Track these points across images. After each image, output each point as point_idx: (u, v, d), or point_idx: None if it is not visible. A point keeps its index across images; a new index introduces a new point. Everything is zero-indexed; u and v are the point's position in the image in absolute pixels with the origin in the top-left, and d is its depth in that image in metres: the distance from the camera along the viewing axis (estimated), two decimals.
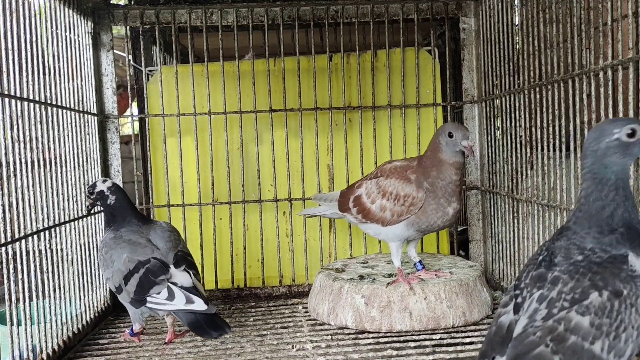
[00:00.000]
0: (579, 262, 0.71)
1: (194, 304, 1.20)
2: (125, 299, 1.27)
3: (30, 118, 1.19)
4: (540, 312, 0.70)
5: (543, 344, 0.67)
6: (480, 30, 1.64)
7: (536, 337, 0.68)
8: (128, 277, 1.23)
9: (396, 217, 1.31)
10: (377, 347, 1.22)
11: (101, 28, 1.61)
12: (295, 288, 1.68)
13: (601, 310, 0.67)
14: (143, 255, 1.25)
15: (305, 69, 1.68)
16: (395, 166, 1.36)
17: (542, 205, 1.32)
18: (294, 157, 1.68)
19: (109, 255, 1.28)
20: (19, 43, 1.15)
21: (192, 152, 1.66)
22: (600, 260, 0.71)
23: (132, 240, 1.28)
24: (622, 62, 0.99)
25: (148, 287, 1.22)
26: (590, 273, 0.70)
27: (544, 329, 0.68)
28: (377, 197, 1.34)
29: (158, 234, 1.32)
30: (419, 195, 1.29)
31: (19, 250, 1.10)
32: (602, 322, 0.67)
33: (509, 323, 0.72)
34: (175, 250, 1.29)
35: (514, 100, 1.44)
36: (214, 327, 1.21)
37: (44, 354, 1.16)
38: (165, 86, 1.65)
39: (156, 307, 1.23)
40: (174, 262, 1.26)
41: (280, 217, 1.69)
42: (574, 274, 0.70)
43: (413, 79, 1.69)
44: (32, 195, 1.17)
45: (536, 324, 0.69)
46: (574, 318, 0.67)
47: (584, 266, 0.70)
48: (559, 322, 0.68)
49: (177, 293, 1.21)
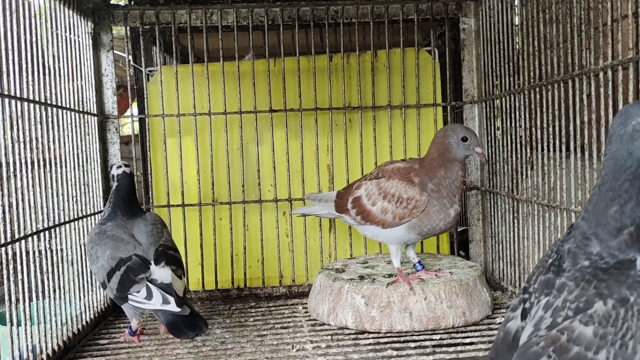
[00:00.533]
0: (585, 268, 0.68)
1: (169, 304, 1.19)
2: (110, 295, 1.27)
3: (30, 118, 1.19)
4: (546, 320, 0.68)
5: (545, 355, 0.65)
6: (480, 30, 1.64)
7: (539, 347, 0.66)
8: (110, 274, 1.23)
9: (398, 220, 1.31)
10: (377, 348, 1.22)
11: (101, 28, 1.61)
12: (295, 288, 1.68)
13: (605, 320, 0.64)
14: (125, 252, 1.24)
15: (305, 69, 1.68)
16: (397, 167, 1.35)
17: (542, 206, 1.32)
18: (294, 158, 1.68)
19: (94, 250, 1.28)
20: (19, 43, 1.15)
21: (192, 152, 1.66)
22: (606, 267, 0.68)
23: (116, 236, 1.28)
24: (622, 62, 0.99)
25: (128, 286, 1.21)
26: (595, 280, 0.67)
27: (547, 339, 0.65)
28: (378, 199, 1.32)
29: (141, 228, 1.30)
30: (422, 198, 1.28)
31: (18, 251, 1.10)
32: (606, 331, 0.64)
33: (516, 330, 0.70)
34: (157, 245, 1.27)
35: (514, 100, 1.44)
36: (190, 327, 1.20)
37: (44, 354, 1.16)
38: (165, 86, 1.65)
39: (137, 306, 1.22)
40: (155, 259, 1.24)
41: (280, 217, 1.69)
42: (580, 281, 0.67)
43: (413, 79, 1.69)
44: (32, 195, 1.17)
45: (540, 333, 0.67)
46: (577, 328, 0.65)
47: (589, 272, 0.68)
48: (562, 332, 0.65)
49: (154, 292, 1.20)
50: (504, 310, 1.42)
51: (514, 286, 1.49)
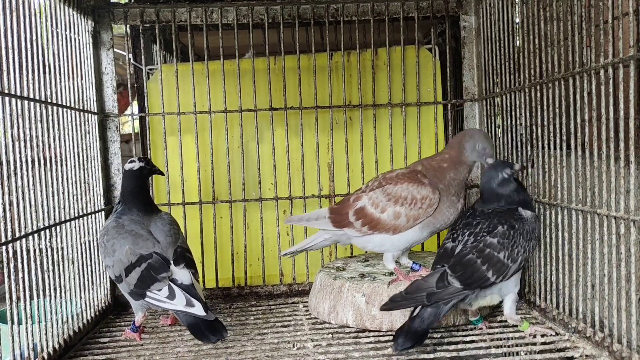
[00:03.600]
0: (490, 212, 1.24)
1: (194, 307, 1.20)
2: (125, 290, 1.27)
3: (31, 117, 1.19)
4: (470, 239, 1.21)
5: (470, 253, 1.18)
6: (480, 28, 1.64)
7: (468, 251, 1.19)
8: (130, 269, 1.24)
9: (412, 222, 1.30)
10: (377, 346, 1.22)
11: (101, 27, 1.61)
12: (296, 287, 1.68)
13: (503, 235, 1.19)
14: (145, 248, 1.25)
15: (306, 68, 1.68)
16: (402, 173, 1.35)
17: (542, 203, 1.32)
18: (294, 156, 1.68)
19: (110, 243, 1.28)
20: (19, 42, 1.15)
21: (193, 150, 1.66)
22: (502, 211, 1.24)
23: (134, 231, 1.28)
24: (623, 60, 0.99)
25: (149, 283, 1.22)
26: (497, 216, 1.22)
27: (472, 247, 1.19)
28: (387, 205, 1.31)
29: (159, 227, 1.31)
30: (436, 196, 1.29)
31: (19, 249, 1.10)
32: (504, 241, 1.19)
33: (451, 247, 1.22)
34: (175, 245, 1.29)
35: (515, 98, 1.44)
36: (212, 332, 1.22)
37: (44, 352, 1.16)
38: (166, 85, 1.65)
39: (156, 304, 1.23)
40: (174, 259, 1.26)
41: (281, 216, 1.68)
42: (488, 218, 1.22)
43: (413, 77, 1.69)
44: (32, 193, 1.17)
45: (467, 245, 1.20)
46: (489, 239, 1.19)
47: (493, 214, 1.23)
48: (479, 242, 1.19)
49: (177, 293, 1.21)
50: None
51: None
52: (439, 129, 1.71)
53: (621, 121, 1.01)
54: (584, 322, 1.17)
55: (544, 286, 1.33)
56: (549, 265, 1.30)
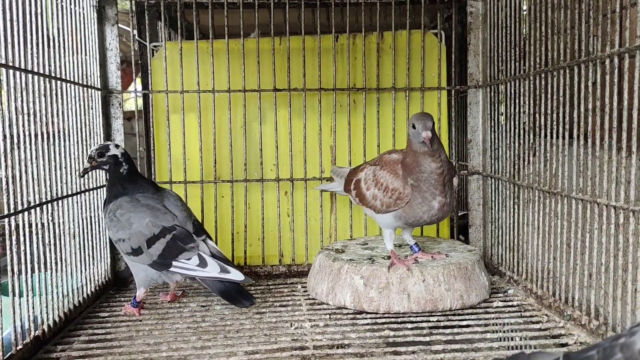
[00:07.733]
0: None
1: (230, 274, 1.26)
2: (144, 261, 1.29)
3: (34, 90, 1.19)
4: None
5: None
6: (487, 14, 1.63)
7: None
8: (152, 240, 1.27)
9: (385, 208, 1.34)
10: (374, 328, 1.23)
11: (106, 2, 1.60)
12: (295, 267, 1.69)
13: None
14: (166, 221, 1.30)
15: (311, 49, 1.68)
16: (391, 158, 1.37)
17: (543, 192, 1.32)
18: (296, 137, 1.68)
19: (125, 217, 1.30)
20: (23, 15, 1.14)
21: (195, 129, 1.66)
22: None
23: (151, 205, 1.32)
24: (629, 49, 0.99)
25: (176, 253, 1.27)
26: None
27: None
28: (371, 185, 1.37)
29: (172, 202, 1.36)
30: (406, 191, 1.30)
31: (21, 223, 1.11)
32: None
33: None
34: (191, 219, 1.36)
35: (519, 86, 1.44)
36: (244, 297, 1.29)
37: (45, 325, 1.18)
38: (170, 62, 1.65)
39: (183, 272, 1.27)
40: (194, 232, 1.33)
41: (282, 197, 1.69)
42: None
43: (418, 62, 1.69)
44: (35, 168, 1.17)
45: None
46: None
47: None
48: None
49: (209, 261, 1.27)
50: (502, 295, 1.43)
51: (512, 271, 1.50)
52: (442, 115, 1.71)
53: (625, 111, 1.01)
54: (579, 309, 1.18)
55: (541, 273, 1.34)
56: (547, 253, 1.31)
